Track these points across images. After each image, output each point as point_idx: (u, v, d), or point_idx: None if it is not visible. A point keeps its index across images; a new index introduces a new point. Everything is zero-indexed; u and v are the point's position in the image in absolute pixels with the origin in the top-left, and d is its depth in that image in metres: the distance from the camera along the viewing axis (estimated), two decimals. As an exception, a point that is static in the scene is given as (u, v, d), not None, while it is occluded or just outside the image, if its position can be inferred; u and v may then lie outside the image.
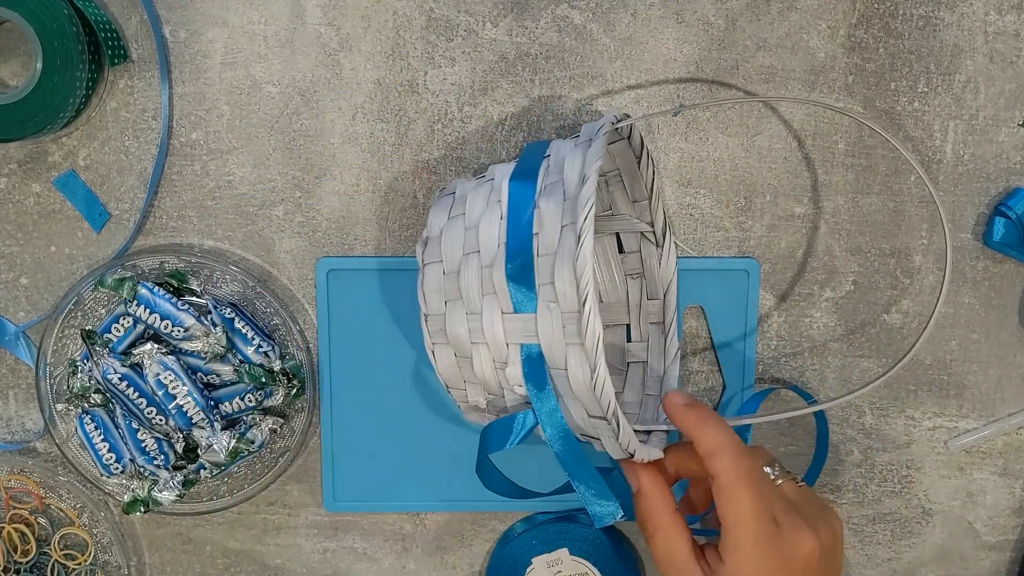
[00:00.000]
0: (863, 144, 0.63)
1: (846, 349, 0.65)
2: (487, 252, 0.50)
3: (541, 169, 0.51)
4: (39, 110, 0.57)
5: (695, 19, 0.61)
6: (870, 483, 0.67)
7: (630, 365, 0.63)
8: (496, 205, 0.50)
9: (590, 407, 0.48)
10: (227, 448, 0.63)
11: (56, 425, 0.64)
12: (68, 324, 0.63)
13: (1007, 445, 0.67)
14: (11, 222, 0.63)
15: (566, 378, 0.48)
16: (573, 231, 0.46)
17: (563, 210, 0.47)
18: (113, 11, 0.61)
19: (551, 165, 0.51)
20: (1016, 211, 0.62)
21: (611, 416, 0.46)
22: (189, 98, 0.62)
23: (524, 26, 0.61)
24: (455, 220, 0.52)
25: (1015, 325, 0.65)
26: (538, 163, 0.51)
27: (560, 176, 0.49)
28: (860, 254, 0.64)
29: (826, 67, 0.62)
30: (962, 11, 0.62)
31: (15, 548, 0.66)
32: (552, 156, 0.51)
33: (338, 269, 0.64)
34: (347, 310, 0.64)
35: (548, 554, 0.65)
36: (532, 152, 0.53)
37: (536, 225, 0.48)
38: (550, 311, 0.47)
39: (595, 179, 0.46)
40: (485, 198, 0.52)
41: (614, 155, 0.59)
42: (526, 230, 0.49)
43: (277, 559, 0.68)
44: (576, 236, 0.46)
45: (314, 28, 0.61)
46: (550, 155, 0.52)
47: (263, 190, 0.63)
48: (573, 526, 0.66)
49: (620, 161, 0.60)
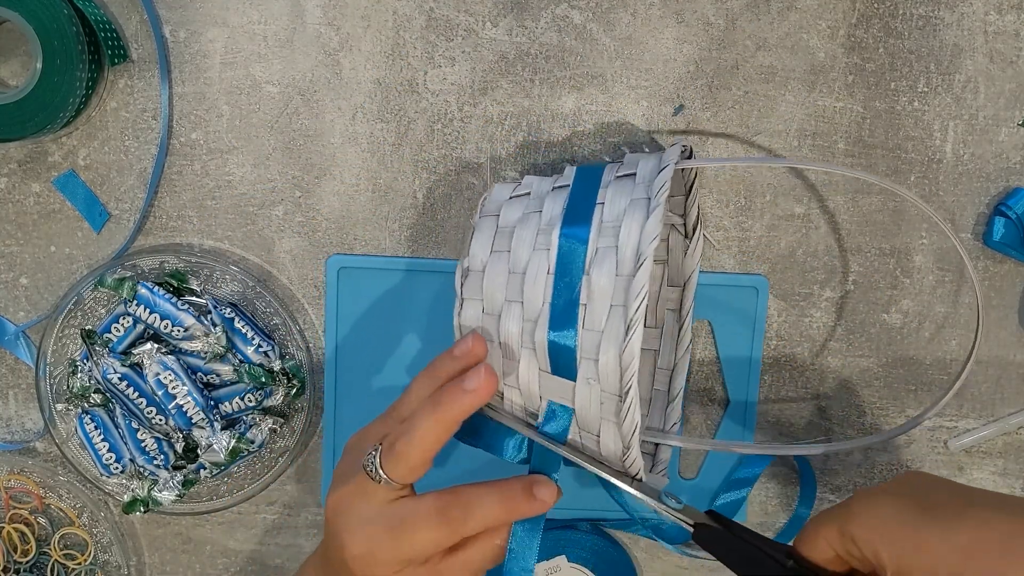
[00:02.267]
0: (863, 144, 0.63)
1: (846, 349, 0.65)
2: (531, 306, 0.47)
3: (595, 219, 0.47)
4: (39, 110, 0.57)
5: (695, 19, 0.61)
6: (870, 483, 0.67)
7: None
8: (544, 253, 0.48)
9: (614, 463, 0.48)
10: (227, 448, 0.63)
11: (56, 425, 0.64)
12: (68, 324, 0.63)
13: (1007, 445, 0.67)
14: (11, 222, 0.63)
15: (596, 444, 0.47)
16: (623, 316, 0.44)
17: (615, 287, 0.45)
18: (113, 11, 0.61)
19: (604, 220, 0.47)
20: (1016, 211, 0.62)
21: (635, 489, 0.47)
22: (189, 98, 0.62)
23: (524, 26, 0.61)
24: (498, 256, 0.50)
25: (1015, 325, 0.65)
26: (591, 209, 0.48)
27: (614, 241, 0.46)
28: (860, 254, 0.64)
29: (826, 67, 0.62)
30: (962, 11, 0.62)
31: (15, 548, 0.66)
32: (607, 206, 0.48)
33: (348, 267, 0.64)
34: (355, 308, 0.64)
35: (546, 561, 0.65)
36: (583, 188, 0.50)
37: (584, 294, 0.46)
38: (589, 386, 0.46)
39: (651, 262, 0.44)
40: (532, 238, 0.49)
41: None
42: (574, 297, 0.46)
43: (277, 559, 0.68)
44: (626, 324, 0.44)
45: (314, 28, 0.61)
46: (603, 203, 0.48)
47: (263, 190, 0.63)
48: (572, 533, 0.66)
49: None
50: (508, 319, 0.48)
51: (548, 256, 0.48)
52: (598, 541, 0.66)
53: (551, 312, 0.47)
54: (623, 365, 0.44)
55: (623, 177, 0.49)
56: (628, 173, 0.50)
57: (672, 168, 0.48)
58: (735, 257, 0.64)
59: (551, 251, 0.48)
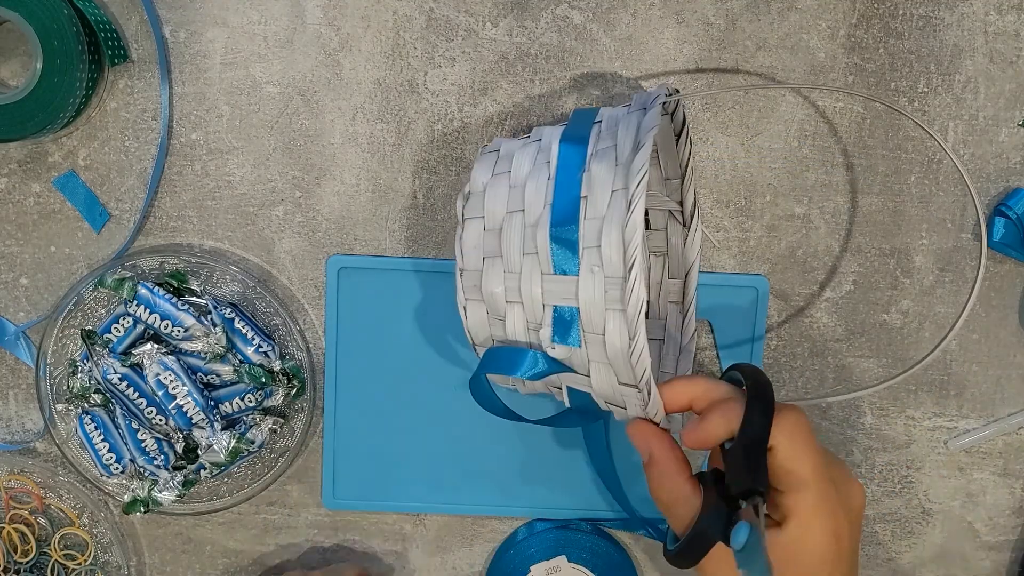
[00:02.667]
0: (863, 144, 0.63)
1: (846, 349, 0.65)
2: (532, 211, 0.49)
3: (592, 133, 0.50)
4: (39, 110, 0.57)
5: (695, 19, 0.61)
6: (870, 483, 0.67)
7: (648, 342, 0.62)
8: (544, 166, 0.50)
9: (622, 374, 0.47)
10: (227, 448, 0.63)
11: (56, 425, 0.64)
12: (68, 324, 0.63)
13: (1007, 445, 0.67)
14: (11, 222, 0.63)
15: (602, 343, 0.47)
16: (624, 196, 0.46)
17: (615, 175, 0.47)
18: (113, 11, 0.61)
19: (603, 131, 0.50)
20: (1016, 211, 0.62)
21: (643, 385, 0.46)
22: (189, 98, 0.62)
23: (524, 26, 0.61)
24: (500, 177, 0.51)
25: (1015, 325, 0.65)
26: (589, 127, 0.51)
27: (613, 142, 0.49)
28: (860, 254, 0.64)
29: (826, 67, 0.62)
30: (962, 11, 0.62)
31: (15, 548, 0.66)
32: (604, 122, 0.51)
33: (348, 267, 0.64)
34: (355, 308, 0.64)
35: (546, 562, 0.65)
36: (583, 117, 0.52)
37: (585, 188, 0.48)
38: (593, 275, 0.46)
39: (650, 146, 0.46)
40: (532, 158, 0.51)
41: None
42: (574, 192, 0.48)
43: (277, 559, 0.68)
44: (627, 202, 0.45)
45: (314, 28, 0.61)
46: (601, 120, 0.51)
47: (263, 190, 0.63)
48: (572, 533, 0.66)
49: (659, 137, 0.59)
50: (509, 229, 0.49)
51: (548, 167, 0.49)
52: (598, 541, 0.66)
53: (552, 211, 0.48)
54: (626, 239, 0.45)
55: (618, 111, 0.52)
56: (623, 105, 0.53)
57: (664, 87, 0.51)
58: (735, 257, 0.64)
59: (551, 162, 0.49)
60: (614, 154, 0.48)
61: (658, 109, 0.48)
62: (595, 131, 0.50)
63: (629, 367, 0.46)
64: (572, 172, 0.49)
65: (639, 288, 0.45)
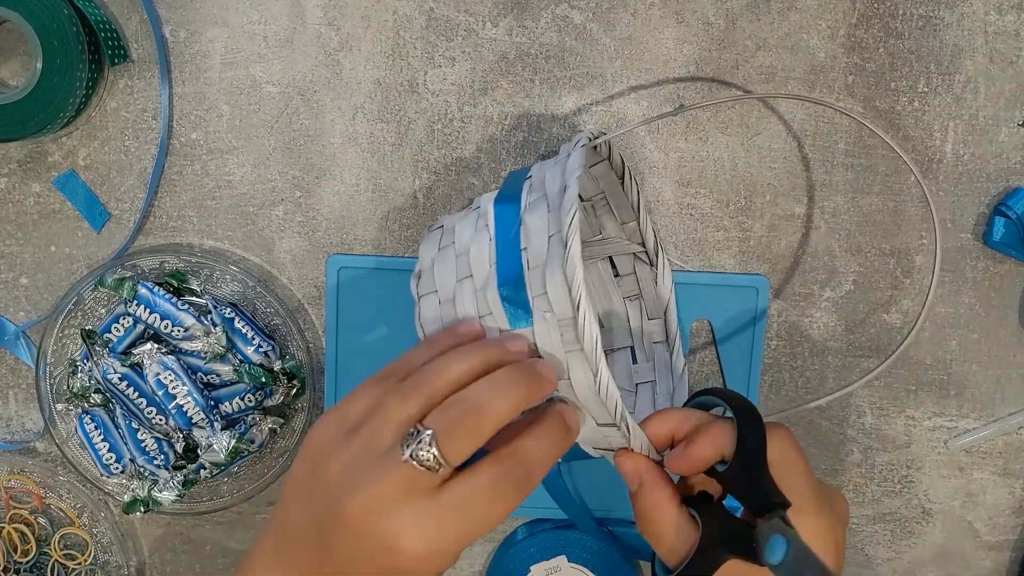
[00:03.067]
0: (863, 144, 0.63)
1: (846, 349, 0.65)
2: (479, 275, 0.50)
3: (524, 189, 0.51)
4: (39, 110, 0.57)
5: (695, 19, 0.61)
6: (870, 483, 0.67)
7: (639, 386, 0.63)
8: (484, 229, 0.51)
9: (598, 415, 0.48)
10: (227, 448, 0.63)
11: (56, 425, 0.64)
12: (68, 324, 0.63)
13: (1007, 445, 0.67)
14: (11, 222, 0.63)
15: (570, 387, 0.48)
16: (560, 239, 0.46)
17: (548, 221, 0.48)
18: (113, 11, 0.61)
19: (533, 184, 0.52)
20: (1016, 211, 0.62)
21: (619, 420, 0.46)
22: (189, 98, 0.62)
23: (524, 26, 0.61)
24: (446, 250, 0.53)
25: (1015, 325, 0.65)
26: (520, 184, 0.52)
27: (543, 192, 0.50)
28: (860, 254, 0.64)
29: (826, 67, 0.62)
30: (962, 11, 0.62)
31: (15, 548, 0.66)
32: (534, 176, 0.52)
33: (348, 267, 0.64)
34: (355, 308, 0.64)
35: (546, 562, 0.65)
36: (514, 177, 0.54)
37: (523, 240, 0.49)
38: (546, 321, 0.47)
39: (576, 187, 0.47)
40: (473, 224, 0.52)
41: (597, 178, 0.59)
42: (514, 246, 0.49)
43: (277, 559, 0.68)
44: (563, 242, 0.46)
45: (314, 28, 0.61)
46: (531, 176, 0.52)
47: (263, 190, 0.63)
48: (572, 533, 0.66)
49: (604, 184, 0.60)
50: (461, 296, 0.50)
51: (488, 230, 0.51)
52: (598, 541, 0.66)
53: (498, 270, 0.49)
54: (568, 278, 0.45)
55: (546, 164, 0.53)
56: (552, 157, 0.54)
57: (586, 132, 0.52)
58: (735, 257, 0.64)
59: (490, 224, 0.51)
60: (545, 203, 0.49)
61: (580, 153, 0.49)
62: (526, 186, 0.51)
63: (601, 405, 0.46)
64: (509, 228, 0.50)
65: (590, 323, 0.45)
